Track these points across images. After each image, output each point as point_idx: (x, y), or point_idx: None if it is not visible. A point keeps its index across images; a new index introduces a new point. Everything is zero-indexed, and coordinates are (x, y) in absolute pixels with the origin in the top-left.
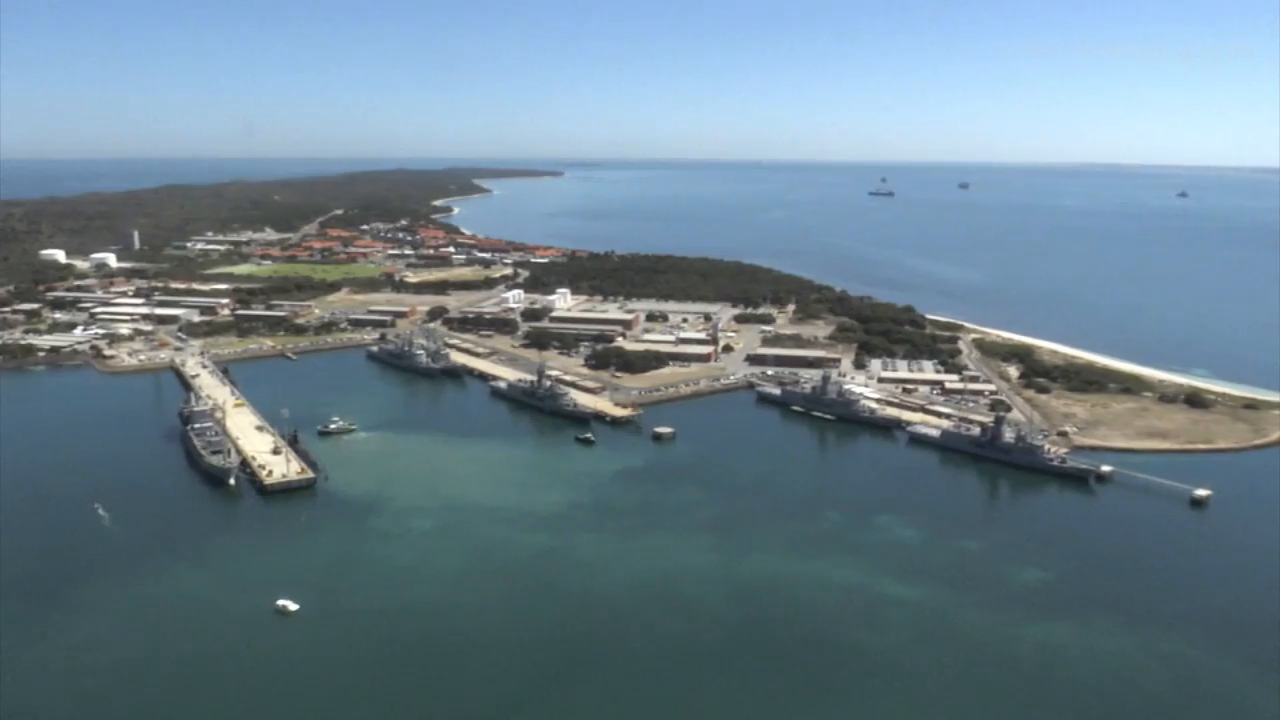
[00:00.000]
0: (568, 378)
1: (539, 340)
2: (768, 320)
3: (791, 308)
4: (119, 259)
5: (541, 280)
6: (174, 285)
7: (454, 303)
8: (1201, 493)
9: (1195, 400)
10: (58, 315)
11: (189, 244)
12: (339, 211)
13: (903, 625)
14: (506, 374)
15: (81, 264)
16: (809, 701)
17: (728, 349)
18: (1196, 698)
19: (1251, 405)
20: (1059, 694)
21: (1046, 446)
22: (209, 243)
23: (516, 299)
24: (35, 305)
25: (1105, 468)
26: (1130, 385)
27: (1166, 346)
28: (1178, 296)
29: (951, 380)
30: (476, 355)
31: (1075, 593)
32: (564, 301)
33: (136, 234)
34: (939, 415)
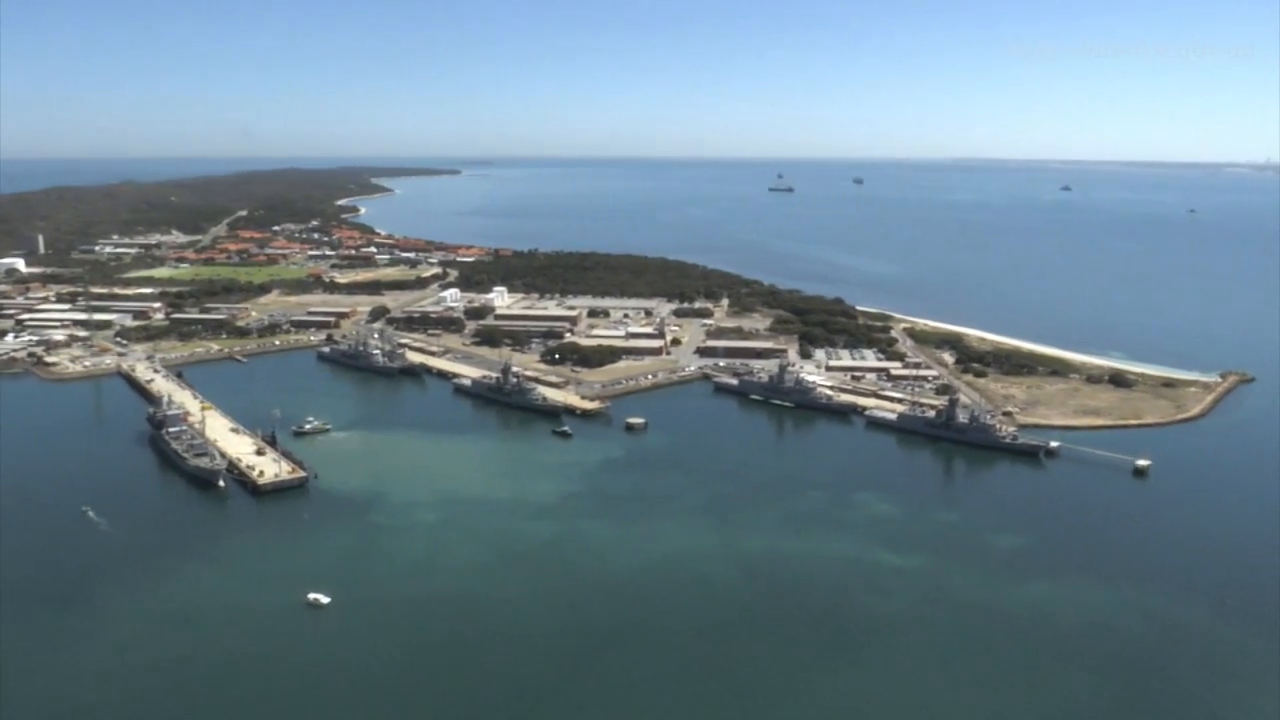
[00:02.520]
0: (528, 373)
1: (489, 338)
2: (706, 314)
3: (726, 302)
4: (27, 264)
5: (473, 279)
6: (95, 290)
7: (390, 303)
8: (1142, 463)
9: (1119, 380)
10: None
11: (97, 247)
12: (243, 212)
13: (903, 591)
14: (467, 371)
15: None
16: (830, 664)
17: (676, 342)
18: (1173, 639)
19: (1169, 384)
20: (1054, 644)
21: (998, 426)
22: (117, 246)
23: (454, 298)
24: None
25: (1053, 443)
26: (1058, 368)
27: (1081, 331)
28: (1080, 285)
29: (896, 367)
30: (431, 354)
31: (1049, 555)
32: (502, 300)
33: (41, 238)
34: (891, 400)
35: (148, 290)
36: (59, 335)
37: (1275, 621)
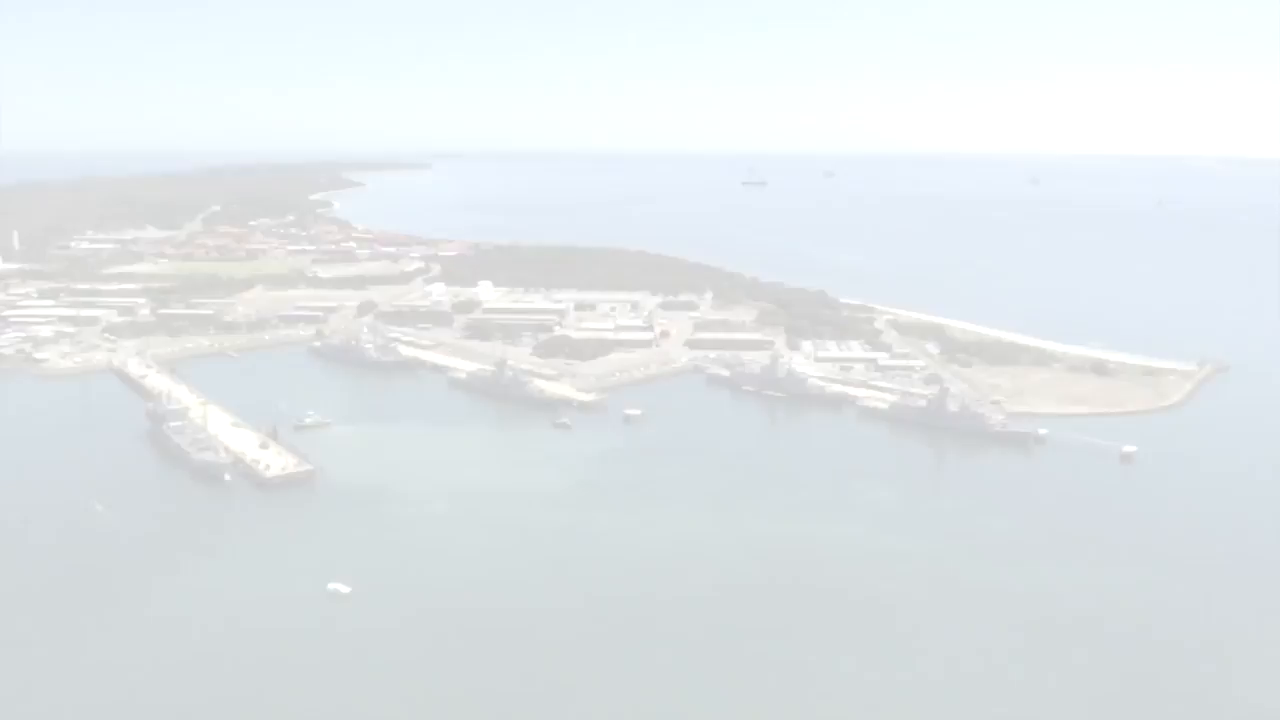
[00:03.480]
0: (524, 366)
1: (480, 331)
2: (691, 307)
3: (710, 295)
4: (3, 261)
5: (456, 274)
6: (78, 286)
7: (376, 297)
8: (1129, 449)
9: (1100, 369)
10: None
11: (73, 243)
12: (217, 207)
13: (909, 574)
14: (463, 365)
15: None
16: (847, 644)
17: (665, 335)
18: (1166, 614)
19: (1149, 372)
20: (1060, 621)
21: (988, 414)
22: (94, 242)
23: (441, 292)
24: None
25: (1041, 431)
26: (1040, 358)
27: (1060, 322)
28: (1056, 276)
29: (883, 358)
30: (424, 348)
31: (1045, 537)
32: (488, 293)
33: (16, 234)
34: (881, 390)
35: (131, 286)
36: (45, 332)
37: (1260, 596)
